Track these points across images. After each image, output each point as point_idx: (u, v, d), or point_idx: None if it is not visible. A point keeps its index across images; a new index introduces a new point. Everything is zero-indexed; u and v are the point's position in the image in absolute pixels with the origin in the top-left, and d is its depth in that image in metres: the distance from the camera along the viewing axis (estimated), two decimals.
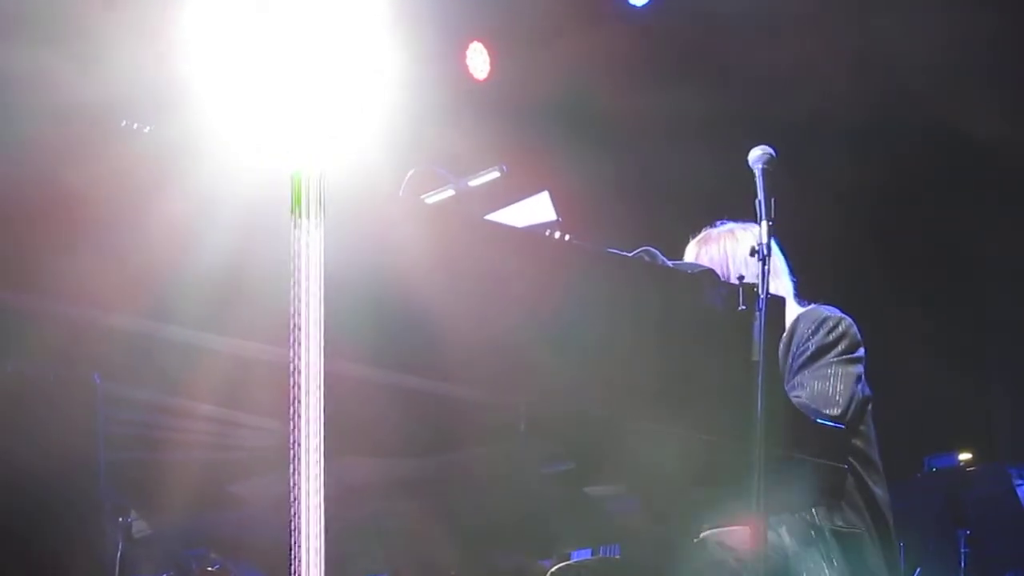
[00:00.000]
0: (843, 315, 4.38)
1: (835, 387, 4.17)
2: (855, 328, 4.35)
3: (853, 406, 4.20)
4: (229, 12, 2.69)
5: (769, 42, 8.04)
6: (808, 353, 4.27)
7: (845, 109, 8.31)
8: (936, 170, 8.68)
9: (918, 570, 7.43)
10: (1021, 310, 8.85)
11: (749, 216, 3.98)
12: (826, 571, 4.13)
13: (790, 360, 4.30)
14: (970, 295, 9.15)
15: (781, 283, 4.45)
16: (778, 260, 4.50)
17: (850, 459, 4.09)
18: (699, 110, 8.26)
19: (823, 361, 4.24)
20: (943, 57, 7.80)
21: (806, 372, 4.23)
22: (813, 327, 4.32)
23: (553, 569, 4.42)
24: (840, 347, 4.28)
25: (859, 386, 4.25)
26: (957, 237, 8.68)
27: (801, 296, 4.54)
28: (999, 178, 8.72)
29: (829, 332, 4.30)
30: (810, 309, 4.43)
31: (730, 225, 4.58)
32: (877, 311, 4.80)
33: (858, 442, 4.26)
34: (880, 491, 4.31)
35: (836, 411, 4.12)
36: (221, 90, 2.69)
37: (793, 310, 4.42)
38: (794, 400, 4.04)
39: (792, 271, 4.58)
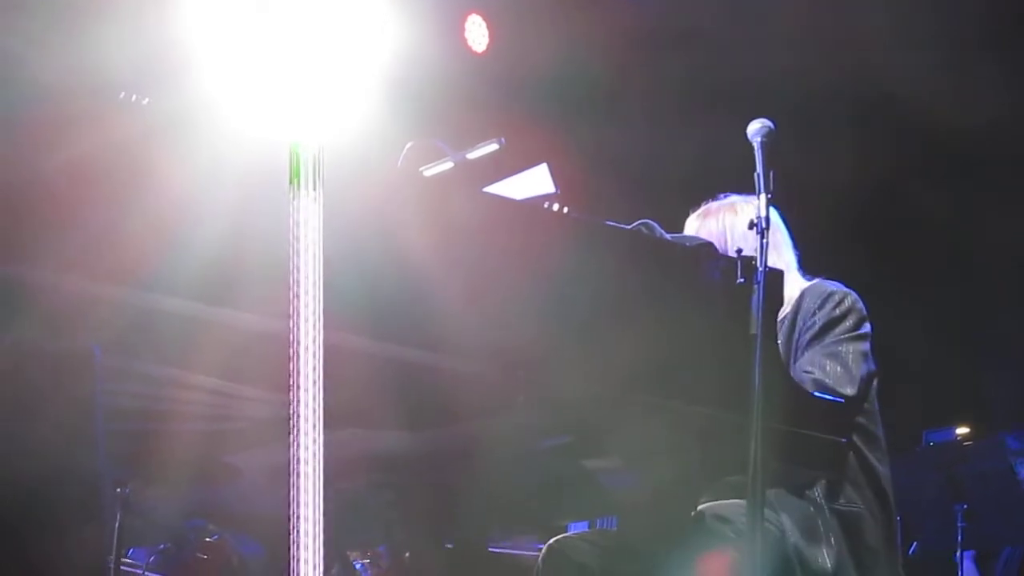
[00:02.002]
0: (848, 289, 4.36)
1: (848, 365, 4.15)
2: (861, 303, 4.33)
3: (864, 383, 4.19)
4: None
5: (772, 14, 8.02)
6: (815, 328, 4.25)
7: (849, 84, 8.29)
8: (935, 147, 8.68)
9: (915, 544, 7.44)
10: (1020, 285, 8.86)
11: (751, 190, 3.96)
12: (823, 548, 4.13)
13: (796, 335, 4.28)
14: (970, 269, 9.16)
15: (784, 256, 4.44)
16: (781, 233, 4.48)
17: (852, 435, 4.08)
18: (700, 82, 8.25)
19: (832, 338, 4.22)
20: (944, 34, 7.80)
21: (817, 349, 4.20)
22: (819, 301, 4.29)
23: (551, 541, 4.43)
24: (848, 323, 4.26)
25: (867, 361, 4.24)
26: (955, 214, 8.68)
27: (804, 270, 4.52)
28: (997, 156, 8.71)
29: (836, 306, 4.28)
30: (815, 283, 4.41)
31: (733, 198, 4.55)
32: (876, 285, 4.79)
33: (861, 418, 4.25)
34: (882, 468, 4.30)
35: (852, 391, 4.10)
36: (220, 62, 2.69)
37: (797, 284, 4.40)
38: (808, 378, 4.03)
39: (795, 244, 4.56)
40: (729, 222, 4.47)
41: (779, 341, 4.11)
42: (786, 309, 4.28)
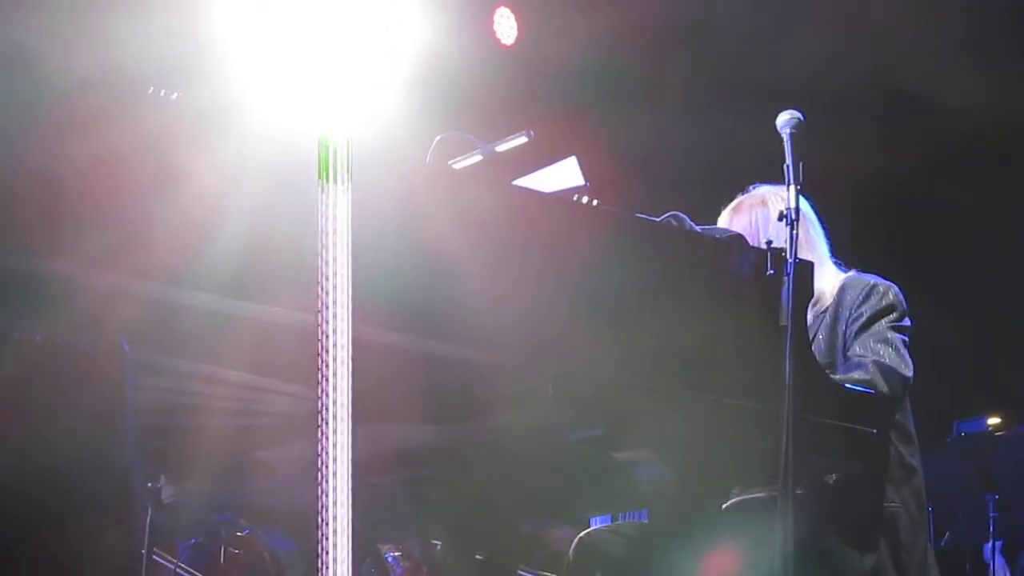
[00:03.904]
0: (890, 282, 4.36)
1: (900, 351, 4.17)
2: (902, 296, 4.34)
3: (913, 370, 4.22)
4: None
5: (800, 6, 8.00)
6: (863, 319, 4.25)
7: (879, 76, 8.27)
8: (970, 138, 8.65)
9: (947, 535, 7.41)
10: None
11: (779, 180, 3.95)
12: (860, 545, 4.12)
13: (843, 326, 4.28)
14: (1000, 260, 9.12)
15: (817, 249, 4.42)
16: (813, 225, 4.46)
17: (889, 431, 4.08)
18: (730, 74, 8.23)
19: (880, 327, 4.23)
20: (972, 23, 7.77)
21: (868, 339, 4.21)
22: (863, 294, 4.30)
23: (582, 534, 4.43)
24: (893, 315, 4.27)
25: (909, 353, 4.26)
26: (985, 203, 8.65)
27: (839, 262, 4.51)
28: None
29: (881, 298, 4.29)
30: (854, 277, 4.40)
31: (762, 190, 4.53)
32: (906, 275, 4.77)
33: (896, 414, 4.25)
34: (914, 462, 4.29)
35: (909, 371, 4.13)
36: (248, 56, 2.69)
37: (833, 275, 4.39)
38: (866, 362, 4.04)
39: (827, 236, 4.54)
40: (761, 218, 4.45)
41: (820, 335, 4.11)
42: (827, 301, 4.28)
